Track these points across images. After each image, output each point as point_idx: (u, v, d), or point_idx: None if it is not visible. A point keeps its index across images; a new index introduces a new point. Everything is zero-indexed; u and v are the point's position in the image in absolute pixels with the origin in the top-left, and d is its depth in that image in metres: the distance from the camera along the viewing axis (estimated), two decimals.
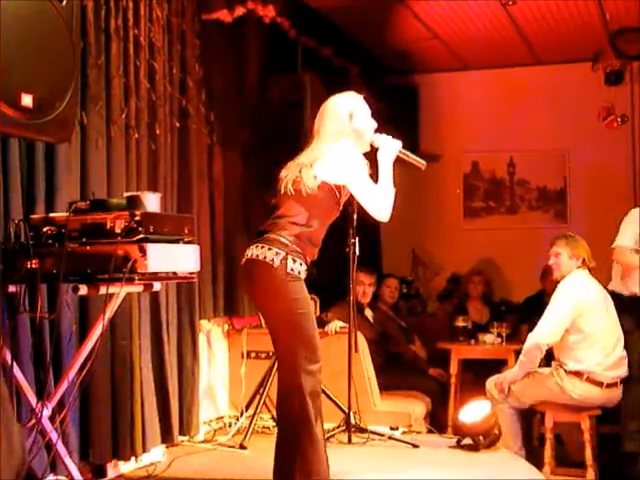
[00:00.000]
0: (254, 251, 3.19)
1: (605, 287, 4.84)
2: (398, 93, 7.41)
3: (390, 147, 3.38)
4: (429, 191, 7.34)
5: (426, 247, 7.48)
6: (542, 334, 4.61)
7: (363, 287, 5.75)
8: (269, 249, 3.15)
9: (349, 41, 6.28)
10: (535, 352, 4.63)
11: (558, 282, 4.74)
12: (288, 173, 3.31)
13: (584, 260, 4.71)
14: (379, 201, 3.29)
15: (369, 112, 3.46)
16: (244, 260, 3.25)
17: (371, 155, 3.41)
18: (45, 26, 2.74)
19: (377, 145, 3.39)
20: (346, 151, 3.30)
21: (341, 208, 3.38)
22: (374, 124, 3.45)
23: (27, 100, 2.65)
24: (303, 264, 3.19)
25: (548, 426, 4.65)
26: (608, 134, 6.57)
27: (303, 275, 3.20)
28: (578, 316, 4.57)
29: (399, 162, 3.42)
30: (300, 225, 3.23)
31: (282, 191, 3.30)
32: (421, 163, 3.46)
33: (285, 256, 3.13)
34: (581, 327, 4.57)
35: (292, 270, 3.14)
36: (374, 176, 3.34)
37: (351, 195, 3.35)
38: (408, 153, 3.44)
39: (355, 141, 3.37)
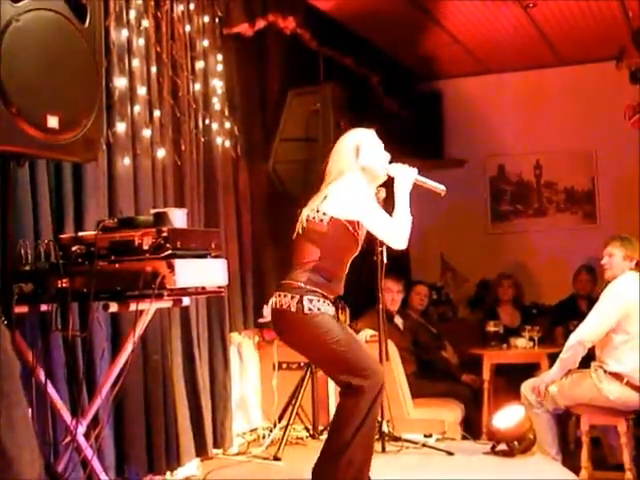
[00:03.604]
0: (275, 300, 3.23)
1: None
2: (422, 99, 7.41)
3: (405, 177, 3.31)
4: (455, 196, 7.24)
5: (454, 253, 7.45)
6: (586, 331, 4.55)
7: (391, 294, 5.72)
8: (285, 296, 3.19)
9: (371, 50, 6.27)
10: (578, 349, 4.55)
11: (609, 282, 4.68)
12: (302, 213, 3.29)
13: (637, 262, 4.66)
14: (394, 232, 3.24)
15: (379, 145, 3.40)
16: (270, 310, 3.30)
17: (389, 182, 3.37)
18: (68, 48, 2.77)
19: (392, 175, 3.34)
20: (352, 186, 3.24)
21: (361, 243, 3.32)
22: (386, 157, 3.38)
23: (53, 121, 2.67)
24: (323, 301, 3.19)
25: (584, 429, 4.58)
26: (635, 132, 6.50)
27: (326, 310, 3.20)
28: (624, 318, 4.50)
29: (417, 188, 3.36)
30: (312, 266, 3.21)
31: (296, 231, 3.28)
32: (440, 189, 3.39)
33: (300, 299, 3.15)
34: (627, 329, 4.50)
35: (310, 310, 3.15)
36: (390, 202, 3.30)
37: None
38: (425, 180, 3.38)
39: (365, 176, 3.32)
